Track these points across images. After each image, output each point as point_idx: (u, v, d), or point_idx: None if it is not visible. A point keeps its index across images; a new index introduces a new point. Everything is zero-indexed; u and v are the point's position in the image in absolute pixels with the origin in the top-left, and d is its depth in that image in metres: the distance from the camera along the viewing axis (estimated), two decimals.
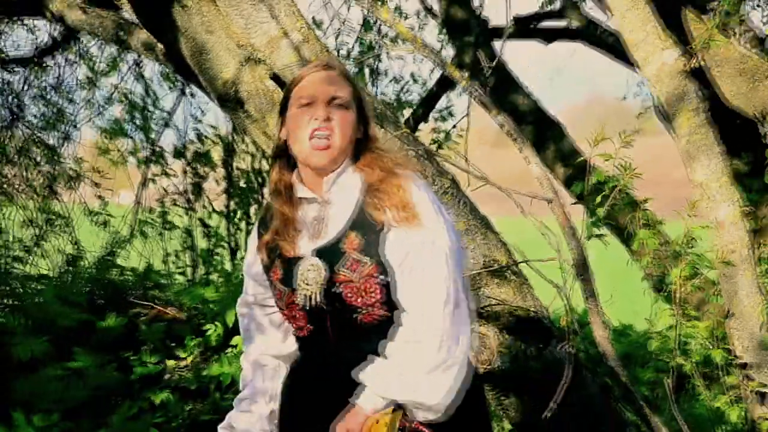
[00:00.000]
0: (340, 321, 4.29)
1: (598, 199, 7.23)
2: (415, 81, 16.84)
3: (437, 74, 16.00)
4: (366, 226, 4.27)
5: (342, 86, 4.38)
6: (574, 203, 8.67)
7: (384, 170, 4.36)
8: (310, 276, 4.26)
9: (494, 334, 6.58)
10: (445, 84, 15.70)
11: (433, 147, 10.57)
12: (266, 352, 4.75)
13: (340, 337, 4.32)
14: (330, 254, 4.27)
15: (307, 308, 4.33)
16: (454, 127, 15.28)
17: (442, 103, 16.58)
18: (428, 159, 6.99)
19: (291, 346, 4.70)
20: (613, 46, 11.44)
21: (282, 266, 4.40)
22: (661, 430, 6.98)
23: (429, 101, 16.45)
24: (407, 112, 15.90)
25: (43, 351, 8.59)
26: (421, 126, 15.59)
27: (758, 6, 9.91)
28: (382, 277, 4.23)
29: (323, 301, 4.27)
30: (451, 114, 16.87)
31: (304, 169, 4.47)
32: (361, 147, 4.50)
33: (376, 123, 6.98)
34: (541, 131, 12.47)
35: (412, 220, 4.23)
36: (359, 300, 4.22)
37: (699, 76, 9.14)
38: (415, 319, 4.27)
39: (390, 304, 4.26)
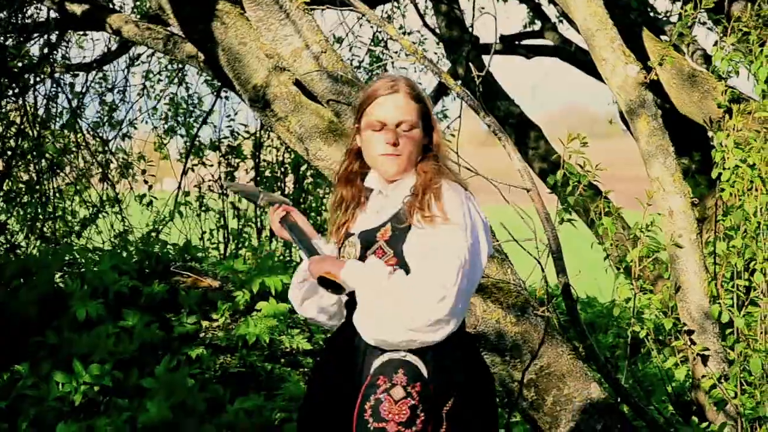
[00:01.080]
0: None
1: (569, 189, 7.25)
2: None
3: (435, 82, 16.02)
4: (399, 222, 4.18)
5: (407, 110, 4.23)
6: (549, 193, 8.68)
7: (430, 174, 4.23)
8: (350, 252, 4.28)
9: (480, 303, 6.58)
10: (441, 90, 15.73)
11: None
12: None
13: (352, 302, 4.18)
14: (367, 239, 4.24)
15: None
16: (448, 127, 15.20)
17: (438, 106, 16.59)
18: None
19: None
20: (584, 61, 11.45)
21: (342, 234, 4.42)
22: (620, 384, 6.98)
23: (433, 99, 16.53)
24: None
25: (98, 312, 8.62)
26: None
27: (707, 28, 9.94)
28: (398, 268, 4.11)
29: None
30: (445, 116, 16.88)
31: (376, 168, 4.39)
32: (425, 150, 4.35)
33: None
34: (522, 132, 12.51)
35: (433, 221, 4.08)
36: None
37: (656, 87, 9.16)
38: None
39: None
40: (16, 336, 8.60)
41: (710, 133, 8.25)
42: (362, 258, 4.21)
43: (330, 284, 4.20)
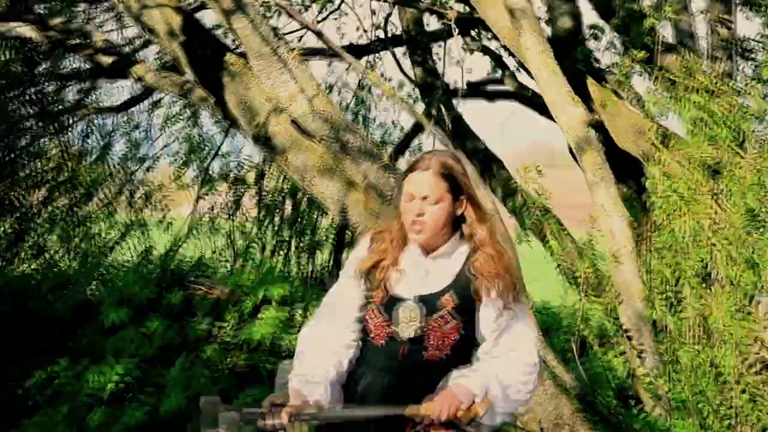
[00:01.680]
0: (412, 350, 4.02)
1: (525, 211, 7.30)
2: (395, 126, 16.86)
3: (411, 121, 16.05)
4: (462, 291, 4.02)
5: (434, 186, 4.05)
6: (510, 217, 8.67)
7: (480, 243, 4.12)
8: (411, 316, 3.99)
9: None
10: (417, 128, 15.75)
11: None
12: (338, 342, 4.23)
13: (405, 362, 4.02)
14: (429, 304, 3.99)
15: (398, 340, 4.02)
16: None
17: (415, 142, 16.61)
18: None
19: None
20: (540, 104, 11.47)
21: (383, 296, 4.08)
22: (568, 379, 6.99)
23: (405, 141, 16.53)
24: (389, 149, 15.92)
25: (124, 318, 8.63)
26: (400, 159, 15.61)
27: (641, 74, 9.95)
28: (462, 332, 4.01)
29: (410, 336, 4.01)
30: (420, 150, 16.94)
31: None
32: (461, 220, 4.17)
33: (370, 159, 7.07)
34: (487, 165, 12.52)
35: (505, 294, 4.03)
36: (434, 343, 3.99)
37: (599, 126, 9.19)
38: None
39: (452, 354, 4.01)
40: (54, 339, 8.62)
41: (644, 165, 8.26)
42: (426, 319, 3.99)
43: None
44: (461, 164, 4.22)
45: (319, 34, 8.83)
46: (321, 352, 4.17)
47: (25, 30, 10.14)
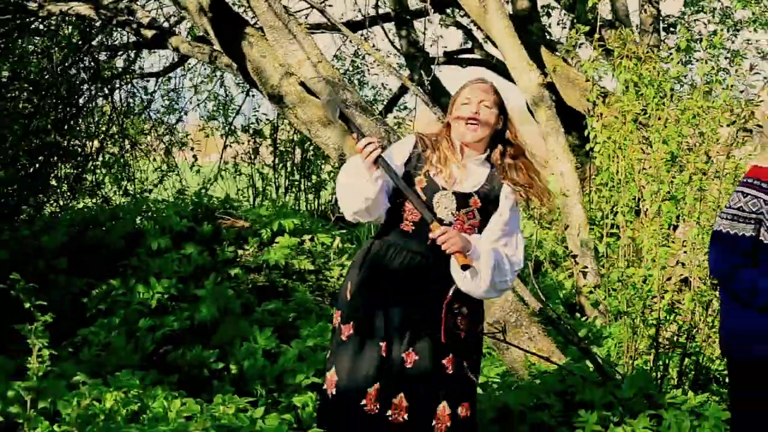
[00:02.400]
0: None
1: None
2: (384, 88, 16.83)
3: (398, 83, 16.01)
4: (487, 197, 4.29)
5: (488, 95, 4.33)
6: None
7: (502, 165, 4.36)
8: (446, 203, 4.20)
9: None
10: (403, 89, 15.77)
11: (394, 127, 10.56)
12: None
13: (434, 245, 4.10)
14: (462, 199, 4.24)
15: (423, 221, 4.15)
16: (407, 116, 15.35)
17: (401, 101, 16.60)
18: (391, 133, 7.07)
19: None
20: (503, 70, 11.47)
21: (426, 182, 4.26)
22: (526, 293, 7.04)
23: (393, 100, 16.55)
24: (380, 107, 15.90)
25: (166, 244, 8.67)
26: (388, 115, 15.60)
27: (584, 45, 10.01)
28: (476, 231, 4.26)
29: (444, 221, 4.17)
30: (406, 108, 16.91)
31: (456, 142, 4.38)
32: (497, 137, 4.41)
33: (364, 113, 7.13)
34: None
35: (513, 206, 4.34)
36: (459, 228, 4.18)
37: (551, 87, 9.22)
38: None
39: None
40: (111, 261, 8.67)
41: (587, 119, 8.26)
42: (456, 213, 4.20)
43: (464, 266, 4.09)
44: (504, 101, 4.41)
45: (322, 12, 8.84)
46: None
47: (82, 8, 10.12)
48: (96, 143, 12.90)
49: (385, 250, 4.33)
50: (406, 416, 4.12)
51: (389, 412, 4.12)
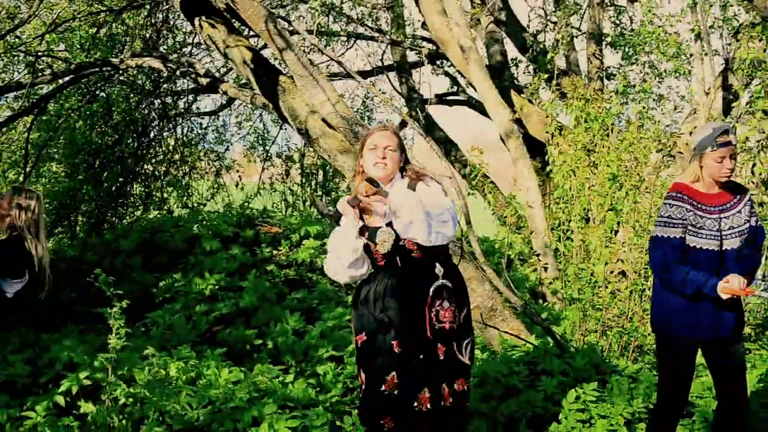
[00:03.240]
0: (403, 256, 4.08)
1: (472, 176, 7.22)
2: (387, 122, 16.94)
3: (399, 119, 16.00)
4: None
5: (392, 139, 4.21)
6: (462, 178, 8.68)
7: (416, 174, 4.24)
8: (386, 237, 4.04)
9: None
10: (402, 124, 15.74)
11: None
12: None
13: (403, 264, 4.10)
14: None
15: (384, 252, 4.06)
16: (407, 144, 15.42)
17: (402, 133, 16.63)
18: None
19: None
20: (482, 109, 11.47)
21: (368, 231, 4.13)
22: (500, 284, 7.01)
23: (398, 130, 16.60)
24: None
25: (217, 246, 8.67)
26: None
27: (545, 89, 10.04)
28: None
29: (394, 249, 4.03)
30: (405, 137, 16.95)
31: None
32: (404, 167, 4.25)
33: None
34: (447, 147, 12.49)
35: (433, 201, 4.12)
36: (413, 246, 4.06)
37: (519, 122, 9.21)
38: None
39: (428, 249, 4.09)
40: (174, 260, 8.69)
41: (547, 147, 8.26)
42: (397, 238, 4.06)
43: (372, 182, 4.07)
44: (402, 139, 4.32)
45: (340, 63, 8.83)
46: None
47: (153, 62, 10.12)
48: (163, 167, 12.91)
49: (372, 280, 4.20)
50: (429, 406, 4.04)
51: (415, 404, 4.03)
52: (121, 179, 11.70)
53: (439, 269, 4.13)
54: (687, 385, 4.96)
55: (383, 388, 4.02)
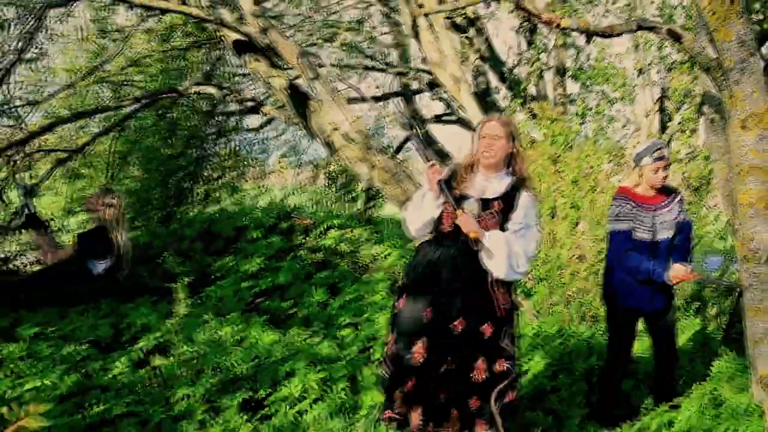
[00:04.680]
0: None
1: None
2: (394, 138, 16.85)
3: (404, 134, 15.93)
4: (508, 201, 3.92)
5: (500, 129, 3.95)
6: None
7: (521, 174, 4.00)
8: (470, 208, 3.86)
9: None
10: (407, 139, 15.69)
11: (402, 162, 10.54)
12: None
13: (466, 240, 3.84)
14: (485, 204, 3.90)
15: (454, 208, 3.90)
16: (409, 156, 15.31)
17: (406, 146, 16.51)
18: (399, 166, 7.06)
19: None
20: (470, 126, 11.44)
21: (458, 193, 3.94)
22: None
23: (401, 145, 16.50)
24: (392, 150, 15.87)
25: (259, 235, 8.67)
26: (397, 155, 15.55)
27: (520, 110, 10.03)
28: (498, 227, 3.88)
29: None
30: (408, 150, 16.80)
31: (481, 167, 4.01)
32: (512, 156, 4.01)
33: (382, 154, 7.13)
34: (443, 157, 12.43)
35: (526, 215, 3.91)
36: (483, 224, 3.85)
37: None
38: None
39: None
40: (226, 245, 8.69)
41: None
42: (479, 214, 3.88)
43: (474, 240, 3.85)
44: (514, 126, 4.08)
45: (357, 90, 8.85)
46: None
47: (211, 88, 10.12)
48: (218, 173, 12.92)
49: (432, 244, 4.01)
50: (453, 366, 3.81)
51: (443, 368, 3.82)
52: (184, 183, 11.76)
53: None
54: (630, 345, 5.05)
55: (410, 354, 3.85)
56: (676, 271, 4.54)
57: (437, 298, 3.88)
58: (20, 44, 7.47)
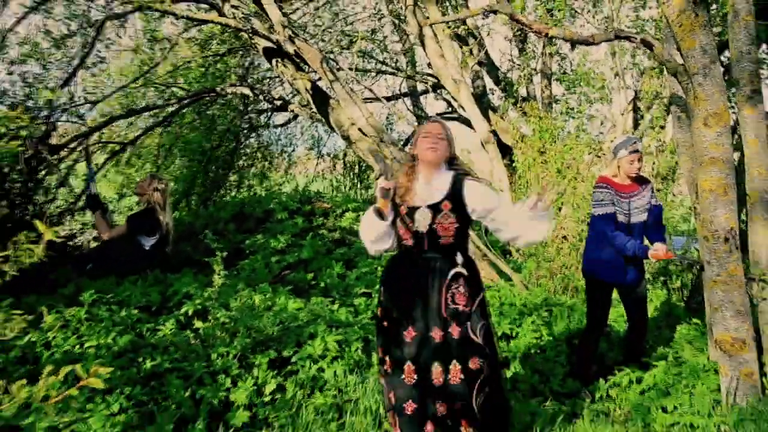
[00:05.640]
0: (431, 239, 3.38)
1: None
2: (404, 133, 16.80)
3: (411, 129, 15.88)
4: (455, 198, 3.39)
5: (442, 130, 3.48)
6: None
7: (462, 172, 3.49)
8: (423, 218, 3.36)
9: None
10: (413, 134, 15.60)
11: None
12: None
13: (429, 247, 3.37)
14: (435, 209, 3.37)
15: (418, 232, 3.39)
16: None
17: (412, 139, 16.41)
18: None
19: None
20: (468, 123, 11.41)
21: (407, 208, 3.42)
22: (480, 243, 6.97)
23: (407, 139, 16.43)
24: (401, 142, 15.81)
25: (285, 216, 8.65)
26: (406, 147, 15.49)
27: (512, 109, 10.01)
28: (457, 225, 3.38)
29: (426, 230, 3.36)
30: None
31: (422, 168, 3.48)
32: (450, 160, 3.52)
33: (393, 145, 7.13)
34: None
35: (484, 198, 3.41)
36: (443, 232, 3.35)
37: (494, 132, 9.14)
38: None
39: (455, 237, 3.41)
40: (257, 225, 8.69)
41: (513, 149, 8.19)
42: (433, 220, 3.38)
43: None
44: (451, 132, 3.57)
45: (371, 91, 8.84)
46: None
47: (244, 89, 10.12)
48: (250, 162, 12.94)
49: (398, 258, 3.53)
50: (441, 380, 3.32)
51: (432, 378, 3.33)
52: (221, 171, 11.79)
53: (459, 258, 3.42)
54: (606, 313, 5.04)
55: (403, 376, 3.36)
56: (657, 249, 4.54)
57: (412, 314, 3.40)
58: (82, 52, 7.55)
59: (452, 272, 3.38)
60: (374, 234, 3.52)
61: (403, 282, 3.45)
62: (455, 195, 3.41)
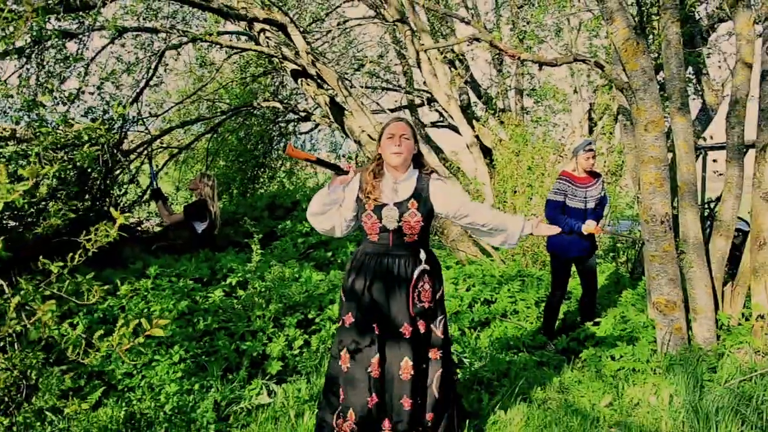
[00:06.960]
0: (396, 237, 2.83)
1: (450, 166, 7.01)
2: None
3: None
4: (420, 197, 2.84)
5: (407, 129, 2.87)
6: (446, 170, 8.58)
7: (428, 169, 2.94)
8: (390, 215, 2.81)
9: None
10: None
11: None
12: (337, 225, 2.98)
13: (394, 244, 2.83)
14: (402, 207, 2.81)
15: (384, 229, 2.82)
16: None
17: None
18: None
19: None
20: (456, 129, 11.38)
21: (374, 204, 2.84)
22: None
23: None
24: None
25: (305, 206, 8.62)
26: None
27: (493, 117, 9.98)
28: (422, 223, 2.83)
29: (394, 228, 2.81)
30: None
31: (388, 168, 2.89)
32: (416, 158, 2.93)
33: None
34: (436, 151, 12.30)
35: (447, 195, 2.88)
36: (409, 230, 2.82)
37: (478, 137, 9.12)
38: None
39: (419, 235, 2.87)
40: (286, 213, 8.68)
41: (493, 151, 8.16)
42: (400, 218, 2.84)
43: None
44: (415, 129, 2.93)
45: (378, 104, 8.83)
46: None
47: (275, 103, 10.12)
48: (280, 163, 12.95)
49: (363, 256, 2.91)
50: (412, 373, 2.82)
51: (400, 372, 2.81)
52: (257, 169, 11.81)
53: (423, 255, 2.90)
54: (566, 281, 5.06)
55: (369, 369, 2.80)
56: (588, 225, 4.63)
57: (379, 309, 2.87)
58: (147, 75, 7.70)
59: (418, 270, 2.87)
60: (319, 205, 2.97)
61: (371, 277, 2.89)
62: (421, 194, 2.90)
